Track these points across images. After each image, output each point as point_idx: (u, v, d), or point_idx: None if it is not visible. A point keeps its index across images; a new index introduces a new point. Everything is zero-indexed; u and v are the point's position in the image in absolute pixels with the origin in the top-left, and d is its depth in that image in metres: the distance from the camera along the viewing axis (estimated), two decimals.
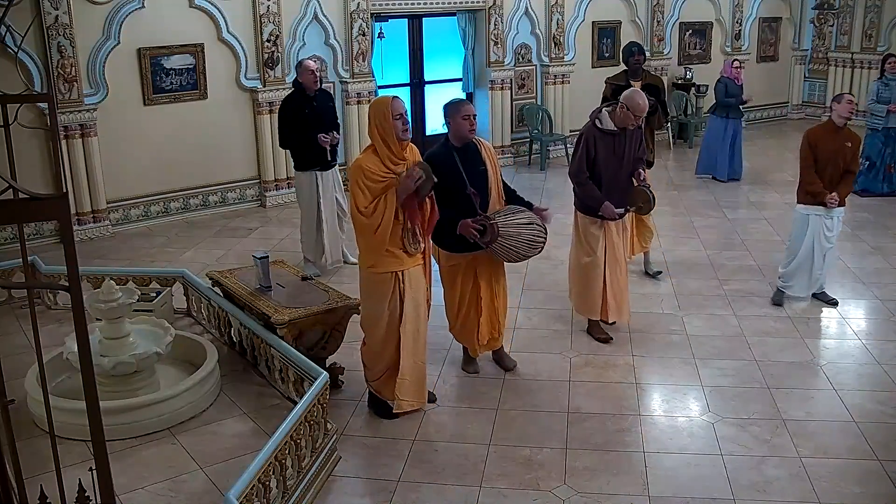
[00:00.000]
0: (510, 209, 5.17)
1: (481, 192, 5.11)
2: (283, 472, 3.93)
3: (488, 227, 4.97)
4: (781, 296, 6.73)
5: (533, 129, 12.22)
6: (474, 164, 5.13)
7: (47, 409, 3.03)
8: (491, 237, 4.98)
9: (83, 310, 2.20)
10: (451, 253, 5.25)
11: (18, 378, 5.04)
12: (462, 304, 5.38)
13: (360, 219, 4.60)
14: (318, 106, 7.26)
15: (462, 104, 5.13)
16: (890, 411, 5.06)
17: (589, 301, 6.02)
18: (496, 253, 5.13)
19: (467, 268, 5.31)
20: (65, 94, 8.47)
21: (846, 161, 6.41)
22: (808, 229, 6.53)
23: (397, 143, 4.62)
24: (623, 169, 5.79)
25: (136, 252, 8.42)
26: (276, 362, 5.18)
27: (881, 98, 9.84)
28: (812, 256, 6.54)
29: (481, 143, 5.26)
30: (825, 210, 6.43)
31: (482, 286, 5.35)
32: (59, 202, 2.07)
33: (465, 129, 5.06)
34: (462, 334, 5.52)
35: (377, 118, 4.61)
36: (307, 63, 7.32)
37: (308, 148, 7.23)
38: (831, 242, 6.56)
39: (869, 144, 10.01)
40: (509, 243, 5.05)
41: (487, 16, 11.45)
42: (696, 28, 13.94)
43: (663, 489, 4.29)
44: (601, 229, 5.90)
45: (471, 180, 5.06)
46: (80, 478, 3.31)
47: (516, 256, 5.16)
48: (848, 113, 6.43)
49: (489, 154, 5.23)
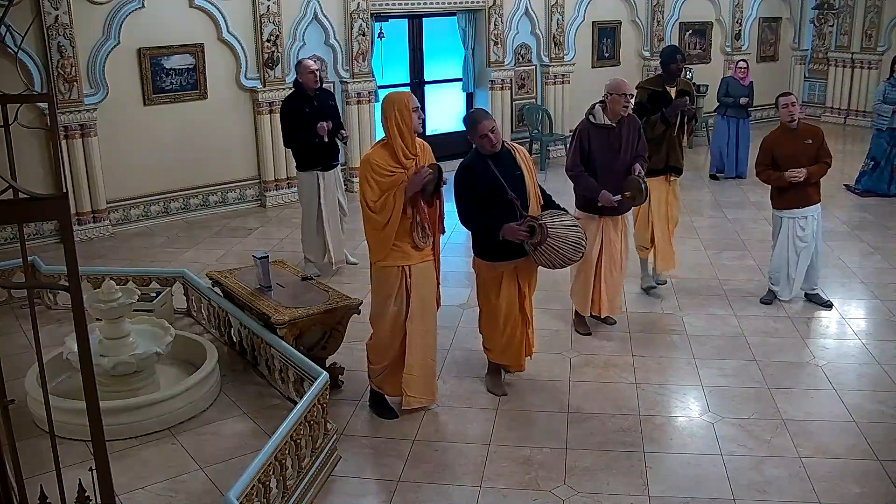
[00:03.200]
0: (552, 212, 5.02)
1: (520, 197, 4.96)
2: (283, 472, 3.93)
3: (537, 228, 4.82)
4: (771, 296, 6.73)
5: (533, 129, 12.23)
6: (511, 169, 4.99)
7: (47, 409, 3.03)
8: (541, 237, 4.82)
9: (83, 310, 2.20)
10: (494, 263, 5.06)
11: (18, 378, 5.04)
12: (508, 317, 5.13)
13: (369, 213, 4.63)
14: (318, 105, 7.24)
15: (478, 123, 4.90)
16: (890, 411, 5.06)
17: (579, 296, 6.11)
18: (542, 255, 4.91)
19: (509, 277, 5.09)
20: (65, 94, 8.47)
21: (812, 158, 6.35)
22: (782, 232, 6.53)
23: (412, 137, 4.66)
24: (620, 163, 5.78)
25: (136, 252, 8.42)
26: (276, 362, 5.18)
27: (888, 99, 9.81)
28: (787, 258, 6.54)
29: (515, 148, 5.12)
30: (799, 210, 6.42)
31: (526, 295, 5.18)
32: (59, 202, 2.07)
33: (486, 146, 4.92)
34: (507, 350, 5.23)
35: (397, 110, 4.62)
36: (307, 63, 7.30)
37: (309, 148, 7.22)
38: (805, 241, 6.48)
39: (874, 145, 10.01)
40: (556, 244, 4.87)
41: (487, 16, 11.45)
42: (696, 28, 13.94)
43: (663, 489, 4.29)
44: (599, 228, 5.92)
45: (509, 186, 4.93)
46: (80, 478, 3.31)
47: (560, 261, 4.96)
48: (787, 115, 6.39)
49: (524, 159, 5.10)
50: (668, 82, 6.81)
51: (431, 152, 4.88)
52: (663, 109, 6.59)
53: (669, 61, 6.79)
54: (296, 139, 7.28)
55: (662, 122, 6.61)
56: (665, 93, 6.71)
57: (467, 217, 4.98)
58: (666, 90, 6.73)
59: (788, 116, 6.41)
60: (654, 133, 6.55)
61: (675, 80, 6.84)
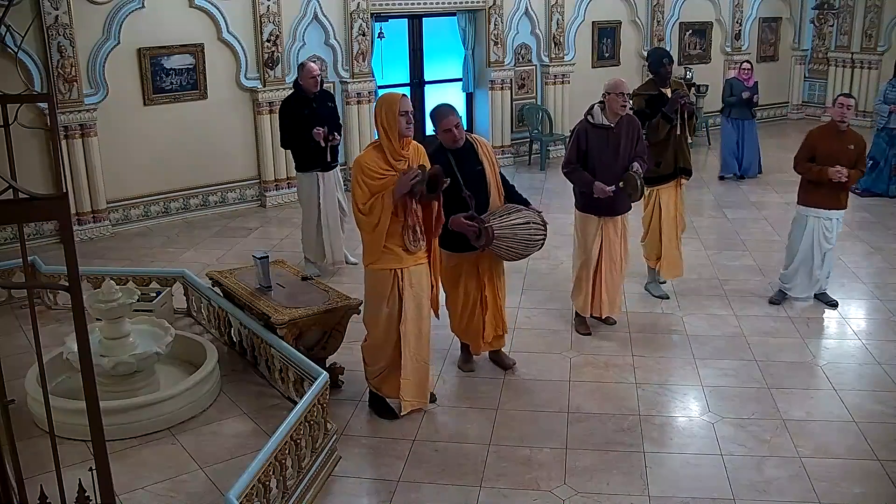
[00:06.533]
0: (506, 209, 5.17)
1: (479, 193, 5.11)
2: (283, 472, 3.93)
3: (482, 231, 4.98)
4: (782, 296, 6.73)
5: (533, 129, 12.23)
6: (470, 164, 5.13)
7: (47, 409, 3.03)
8: (486, 241, 5.00)
9: (83, 310, 2.20)
10: (453, 253, 5.26)
11: (18, 378, 5.04)
12: (466, 304, 5.39)
13: (360, 216, 4.66)
14: (317, 107, 7.23)
15: (443, 118, 5.08)
16: (890, 411, 5.06)
17: (579, 297, 6.14)
18: (496, 252, 5.17)
19: (470, 267, 5.33)
20: (65, 94, 8.47)
21: (850, 163, 6.33)
22: (807, 230, 6.52)
23: (398, 140, 4.66)
24: (618, 163, 5.79)
25: (136, 252, 8.42)
26: (276, 362, 5.18)
27: (888, 99, 9.85)
28: (812, 257, 6.54)
29: (477, 141, 5.25)
30: (825, 211, 6.43)
31: (486, 284, 5.37)
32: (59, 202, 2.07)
33: (448, 141, 5.09)
34: (466, 333, 5.52)
35: (384, 112, 4.64)
36: (310, 66, 7.28)
37: (308, 149, 7.21)
38: (831, 243, 6.54)
39: (874, 145, 10.01)
40: (505, 244, 5.08)
41: (487, 16, 11.44)
42: (696, 28, 13.93)
43: (663, 489, 4.29)
44: (598, 228, 5.93)
45: (467, 182, 5.06)
46: (80, 478, 3.31)
47: (515, 256, 5.21)
48: (839, 115, 6.36)
49: (486, 152, 5.22)
50: (661, 85, 6.83)
51: (426, 155, 4.88)
52: (662, 109, 6.59)
53: (658, 66, 6.80)
54: (291, 140, 7.28)
55: (665, 121, 6.60)
56: (661, 95, 6.71)
57: None
58: (661, 92, 6.75)
59: (840, 116, 6.35)
60: (659, 135, 6.52)
61: (668, 82, 6.86)
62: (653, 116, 6.58)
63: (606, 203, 5.79)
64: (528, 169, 11.90)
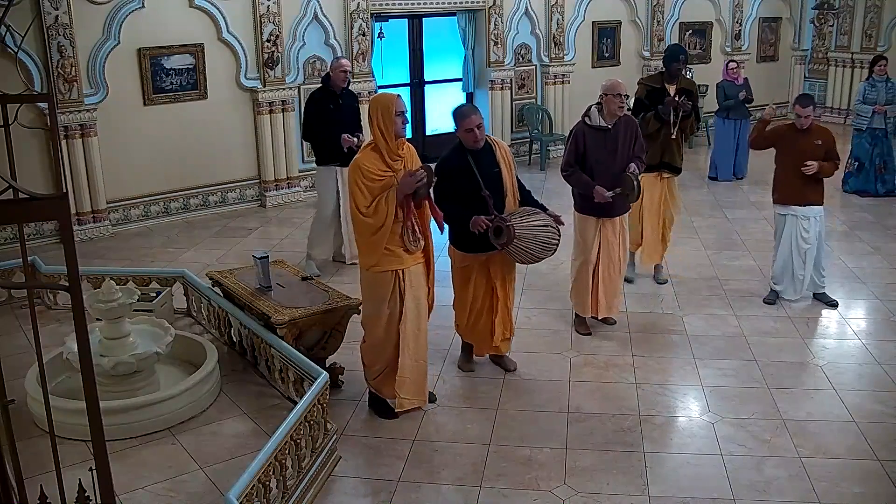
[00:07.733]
0: (525, 211, 5.16)
1: (495, 195, 5.09)
2: (283, 472, 3.93)
3: (504, 229, 4.96)
4: (774, 296, 6.73)
5: (533, 129, 12.23)
6: (489, 165, 5.13)
7: (47, 409, 3.03)
8: (507, 238, 4.97)
9: (83, 310, 2.20)
10: (467, 253, 5.24)
11: (18, 378, 5.04)
12: (475, 305, 5.37)
13: (361, 218, 4.62)
14: (343, 104, 7.31)
15: (465, 118, 5.06)
16: (890, 411, 5.06)
17: (578, 298, 6.14)
18: (510, 254, 5.14)
19: (481, 268, 5.31)
20: (65, 94, 8.46)
21: (819, 158, 6.31)
22: (785, 231, 6.52)
23: (394, 140, 4.66)
24: (616, 164, 5.79)
25: (136, 252, 8.42)
26: (276, 362, 5.18)
27: (867, 99, 9.78)
28: (792, 259, 6.54)
29: (496, 143, 5.25)
30: (801, 208, 6.42)
31: (497, 286, 5.35)
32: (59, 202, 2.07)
33: (469, 141, 5.08)
34: (472, 334, 5.50)
35: (380, 112, 4.64)
36: (343, 62, 7.37)
37: (329, 143, 7.24)
38: (809, 243, 6.49)
39: (855, 145, 9.99)
40: (524, 245, 5.04)
41: (487, 16, 11.45)
42: (696, 28, 13.93)
43: (663, 489, 4.29)
44: (597, 229, 5.94)
45: (485, 182, 5.06)
46: (80, 478, 3.31)
47: (530, 258, 5.16)
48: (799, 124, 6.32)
49: (504, 155, 5.22)
50: (668, 80, 6.84)
51: (416, 154, 4.90)
52: (659, 106, 6.63)
53: (672, 61, 6.81)
54: (313, 133, 7.34)
55: (657, 120, 6.65)
56: (664, 90, 6.73)
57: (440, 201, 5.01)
58: (665, 88, 6.76)
59: (800, 125, 6.35)
60: (648, 129, 6.63)
61: (676, 79, 6.86)
62: (650, 109, 6.63)
63: (605, 204, 5.79)
64: (527, 169, 11.89)
